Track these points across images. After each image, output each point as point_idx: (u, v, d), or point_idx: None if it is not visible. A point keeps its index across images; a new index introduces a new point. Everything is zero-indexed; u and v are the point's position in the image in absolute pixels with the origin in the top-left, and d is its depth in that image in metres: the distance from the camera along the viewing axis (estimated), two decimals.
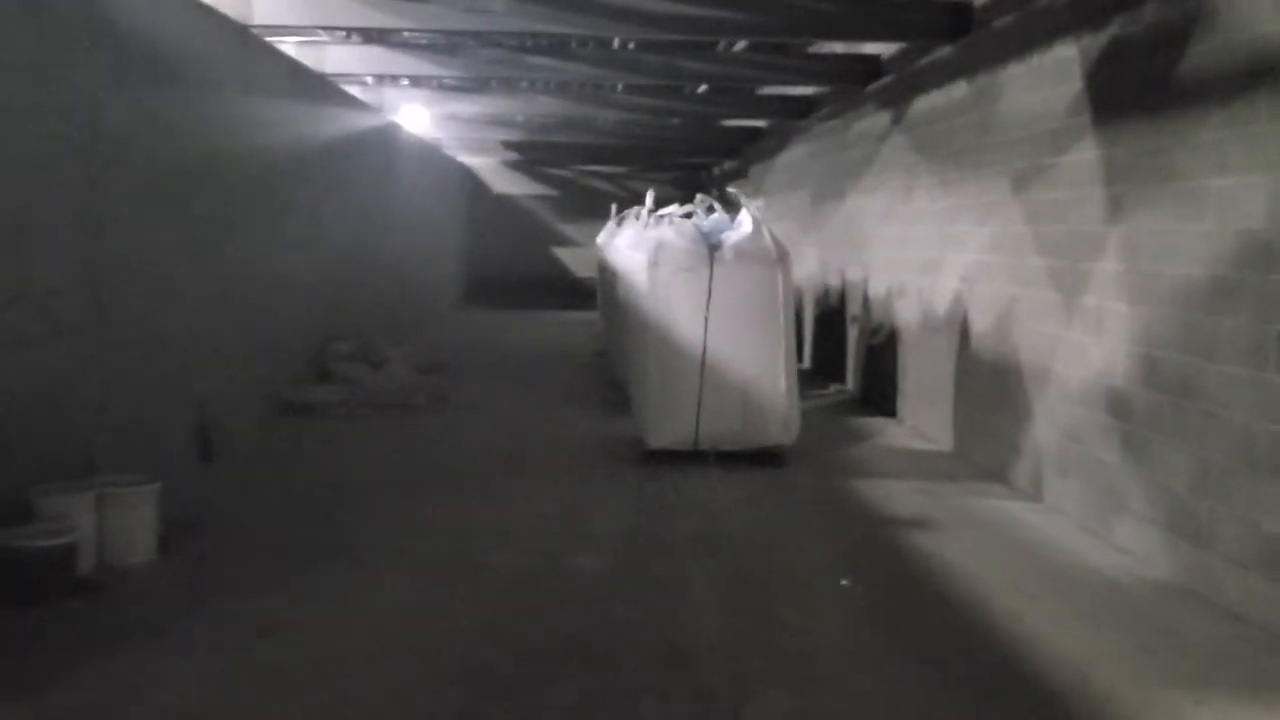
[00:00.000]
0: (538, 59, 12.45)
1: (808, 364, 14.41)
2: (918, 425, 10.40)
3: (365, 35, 12.57)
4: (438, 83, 16.29)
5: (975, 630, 5.23)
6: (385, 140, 15.95)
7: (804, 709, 4.38)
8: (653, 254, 8.76)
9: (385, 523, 6.94)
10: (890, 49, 11.50)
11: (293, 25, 10.04)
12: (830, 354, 13.67)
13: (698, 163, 25.68)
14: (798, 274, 9.96)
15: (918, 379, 10.51)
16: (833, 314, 13.54)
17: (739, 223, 8.94)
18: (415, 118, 16.70)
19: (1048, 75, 7.71)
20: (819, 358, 14.37)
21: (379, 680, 4.55)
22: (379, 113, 15.33)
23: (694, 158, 24.78)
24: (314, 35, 11.97)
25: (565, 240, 27.33)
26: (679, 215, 9.04)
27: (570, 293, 25.86)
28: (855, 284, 12.71)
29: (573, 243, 26.97)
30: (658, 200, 11.19)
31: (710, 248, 8.67)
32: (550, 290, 26.09)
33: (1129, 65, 6.66)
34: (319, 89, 12.03)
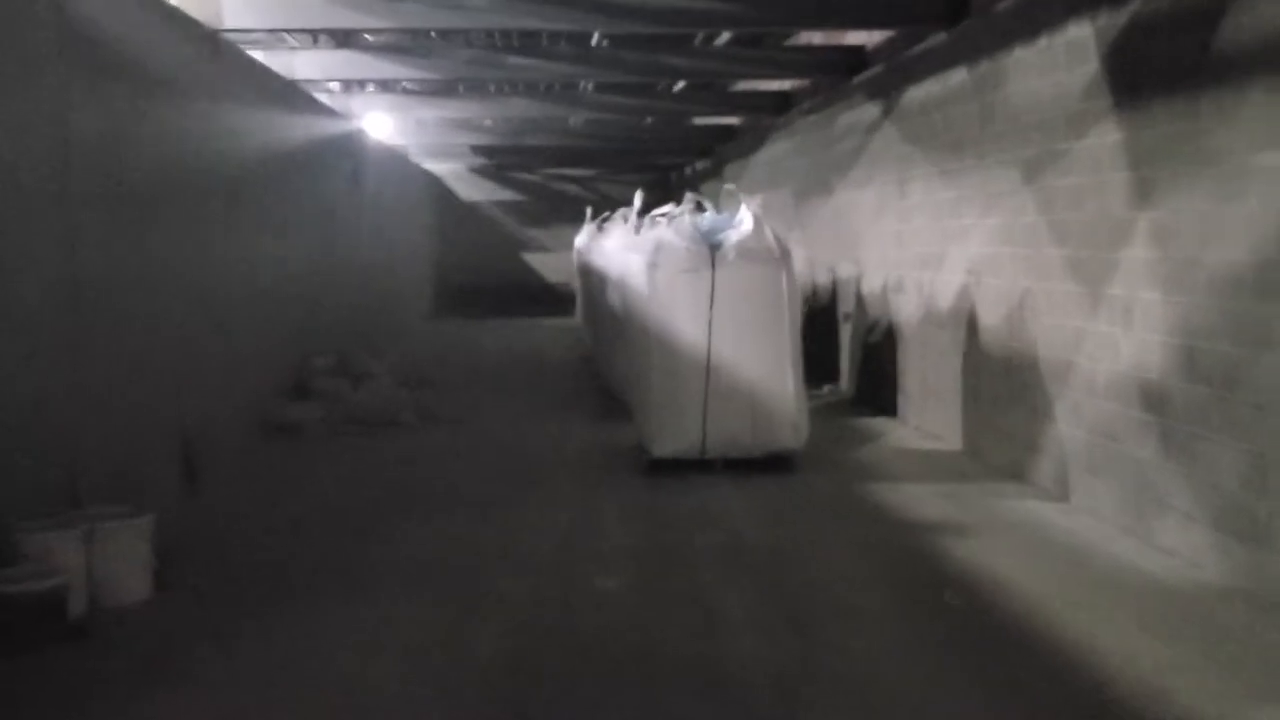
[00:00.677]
0: (516, 59, 12.10)
1: None
2: (922, 424, 10.11)
3: (337, 39, 12.17)
4: (403, 88, 15.93)
5: (1040, 647, 4.90)
6: (353, 148, 15.52)
7: None
8: (652, 255, 8.42)
9: (388, 548, 6.55)
10: (875, 38, 11.24)
11: (265, 28, 9.63)
12: (821, 353, 13.33)
13: (669, 163, 25.37)
14: None
15: (920, 377, 10.22)
16: (822, 312, 13.22)
17: (739, 221, 8.61)
18: (379, 124, 16.30)
19: (1060, 58, 7.43)
20: (809, 357, 14.01)
21: None
22: (347, 120, 14.91)
23: (665, 158, 24.47)
24: (282, 40, 11.57)
25: (536, 246, 26.95)
26: (677, 214, 8.69)
27: (543, 299, 25.47)
28: (846, 281, 12.43)
29: (544, 248, 26.60)
30: (629, 204, 10.89)
31: (711, 247, 8.35)
32: (522, 297, 25.68)
33: (1154, 43, 6.38)
34: (288, 96, 11.60)
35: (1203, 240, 5.91)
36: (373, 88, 15.90)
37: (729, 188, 9.44)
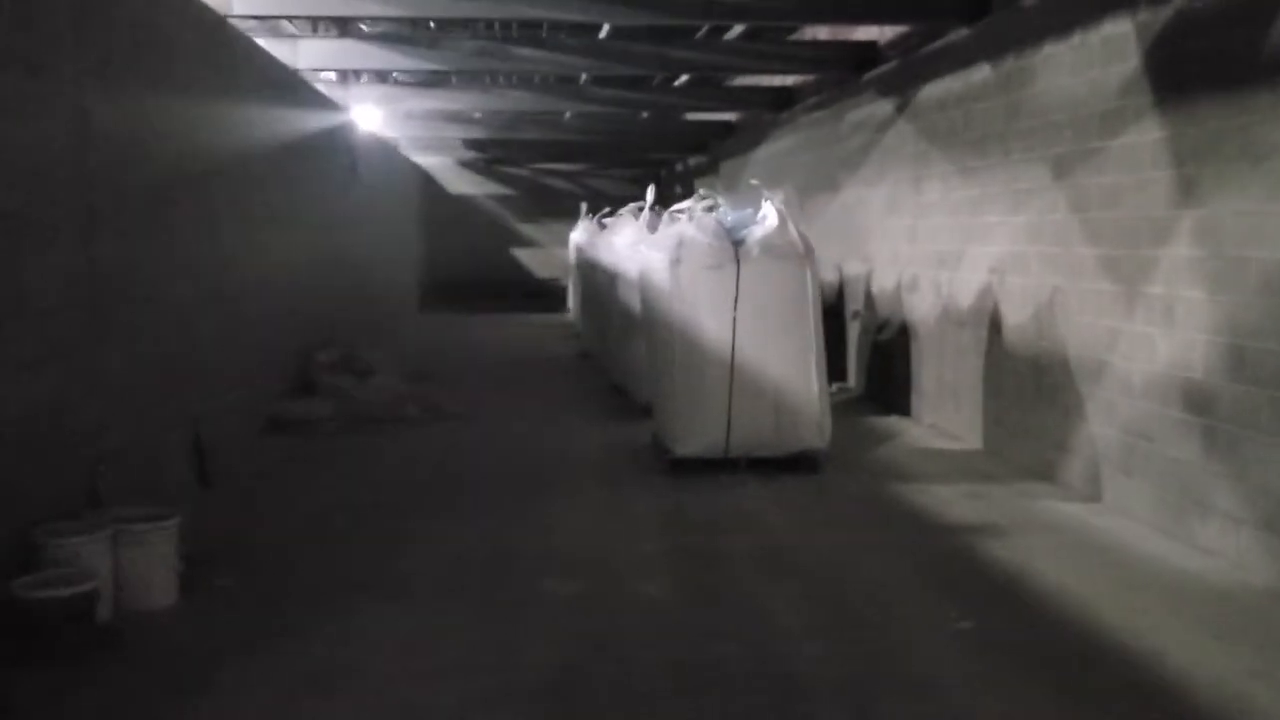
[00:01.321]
0: (521, 50, 11.90)
1: None
2: (939, 423, 10.00)
3: (339, 27, 11.96)
4: (394, 79, 15.69)
5: (1103, 652, 4.79)
6: (349, 139, 15.28)
7: None
8: (675, 251, 8.25)
9: (416, 548, 6.38)
10: (888, 34, 11.11)
11: (275, 14, 9.43)
12: (829, 351, 13.20)
13: (661, 159, 25.17)
14: None
15: (937, 375, 10.11)
16: (830, 310, 13.06)
17: (762, 216, 8.46)
18: (368, 115, 16.04)
19: (1095, 54, 7.32)
20: None
21: None
22: (345, 111, 14.67)
23: (659, 153, 24.25)
24: (284, 28, 11.36)
25: (525, 241, 26.74)
26: (699, 209, 8.53)
27: (533, 294, 25.28)
28: (855, 279, 12.30)
29: (533, 243, 26.39)
30: (621, 199, 10.75)
31: (735, 243, 8.20)
32: (512, 292, 25.48)
33: (1200, 40, 6.28)
34: (294, 87, 11.37)
35: (1252, 238, 5.81)
36: (366, 78, 15.65)
37: (753, 182, 9.27)
